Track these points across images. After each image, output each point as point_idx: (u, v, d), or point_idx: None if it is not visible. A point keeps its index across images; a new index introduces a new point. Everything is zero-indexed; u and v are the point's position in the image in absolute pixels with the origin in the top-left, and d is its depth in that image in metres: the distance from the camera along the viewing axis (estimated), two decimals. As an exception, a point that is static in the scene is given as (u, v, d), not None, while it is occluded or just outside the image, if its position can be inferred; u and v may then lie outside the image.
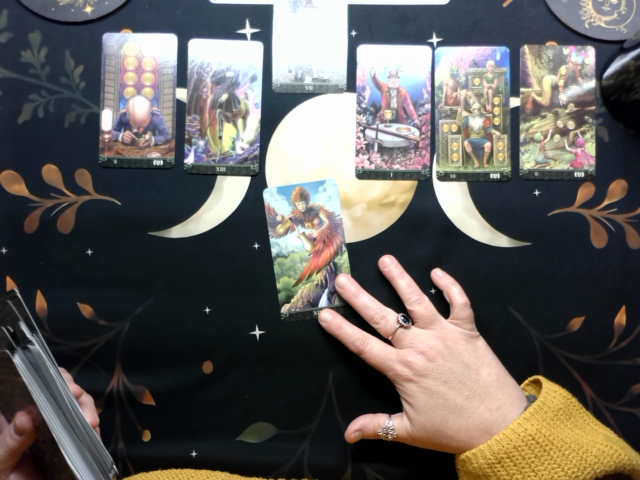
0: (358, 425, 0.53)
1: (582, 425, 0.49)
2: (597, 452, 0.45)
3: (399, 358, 0.51)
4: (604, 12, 0.58)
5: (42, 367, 0.47)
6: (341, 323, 0.55)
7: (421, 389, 0.50)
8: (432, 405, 0.49)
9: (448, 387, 0.49)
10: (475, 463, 0.46)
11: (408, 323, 0.52)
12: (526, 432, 0.45)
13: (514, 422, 0.46)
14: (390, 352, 0.52)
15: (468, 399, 0.48)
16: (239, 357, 0.58)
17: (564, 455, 0.45)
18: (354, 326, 0.55)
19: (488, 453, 0.46)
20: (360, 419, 0.54)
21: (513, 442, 0.45)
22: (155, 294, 0.58)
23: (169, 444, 0.58)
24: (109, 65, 0.59)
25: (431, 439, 0.50)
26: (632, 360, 0.57)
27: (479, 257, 0.58)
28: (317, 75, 0.59)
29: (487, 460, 0.46)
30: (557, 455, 0.45)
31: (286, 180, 0.58)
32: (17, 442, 0.46)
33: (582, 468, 0.44)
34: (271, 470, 0.57)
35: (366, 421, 0.53)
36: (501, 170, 0.58)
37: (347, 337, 0.54)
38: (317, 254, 0.58)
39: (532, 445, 0.45)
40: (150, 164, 0.58)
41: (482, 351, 0.52)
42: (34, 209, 0.58)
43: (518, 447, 0.45)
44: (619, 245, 0.58)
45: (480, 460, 0.46)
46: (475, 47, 0.59)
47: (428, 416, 0.49)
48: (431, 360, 0.50)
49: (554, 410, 0.47)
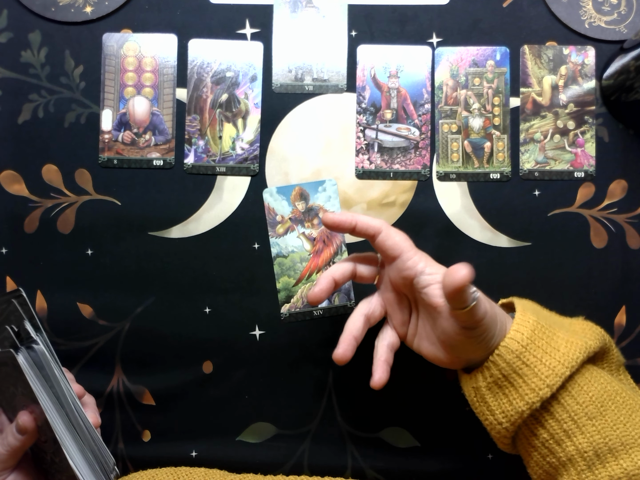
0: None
1: (553, 314, 0.51)
2: (588, 330, 0.47)
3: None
4: (604, 12, 0.58)
5: (45, 367, 0.47)
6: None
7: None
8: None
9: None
10: (501, 362, 0.44)
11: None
12: (531, 318, 0.46)
13: (516, 314, 0.46)
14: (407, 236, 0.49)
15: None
16: (239, 357, 0.58)
17: (569, 332, 0.46)
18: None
19: (513, 345, 0.44)
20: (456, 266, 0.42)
21: (529, 327, 0.45)
22: (155, 294, 0.58)
23: (168, 444, 0.58)
24: (109, 65, 0.59)
25: (488, 303, 0.45)
26: (632, 361, 0.57)
27: (479, 257, 0.58)
28: (317, 75, 0.59)
29: (515, 352, 0.44)
30: (562, 333, 0.46)
31: (286, 180, 0.58)
32: (19, 441, 0.46)
33: (587, 339, 0.46)
34: (271, 470, 0.57)
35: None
36: (501, 170, 0.58)
37: (366, 219, 0.49)
38: (317, 253, 0.58)
39: (542, 327, 0.45)
40: (150, 164, 0.58)
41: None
42: (34, 209, 0.58)
43: (534, 330, 0.45)
44: (619, 245, 0.58)
45: (507, 356, 0.44)
46: (475, 47, 0.59)
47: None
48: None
49: (532, 305, 0.49)
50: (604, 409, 0.44)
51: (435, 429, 0.58)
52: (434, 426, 0.58)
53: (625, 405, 0.44)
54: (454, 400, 0.55)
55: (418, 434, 0.57)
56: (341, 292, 0.58)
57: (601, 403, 0.44)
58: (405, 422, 0.58)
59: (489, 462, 0.57)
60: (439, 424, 0.57)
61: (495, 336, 0.45)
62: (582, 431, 0.43)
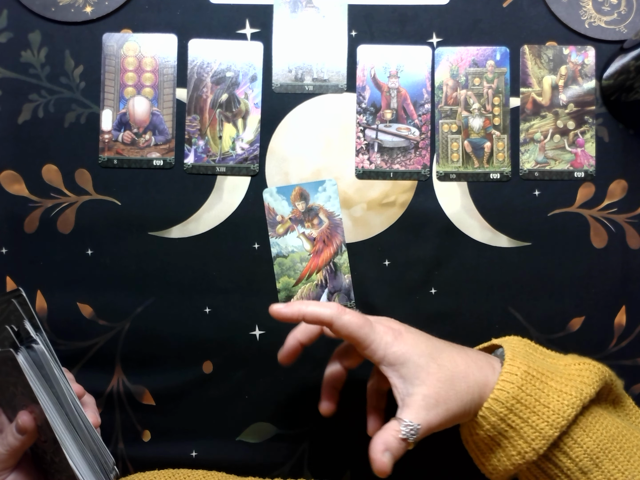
0: (381, 445, 0.41)
1: (548, 353, 0.48)
2: (585, 371, 0.45)
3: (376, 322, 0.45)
4: (604, 12, 0.58)
5: (45, 367, 0.47)
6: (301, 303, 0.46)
7: (408, 343, 0.44)
8: (427, 354, 0.43)
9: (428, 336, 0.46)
10: (486, 424, 0.43)
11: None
12: (520, 369, 0.43)
13: (504, 365, 0.44)
14: (367, 318, 0.45)
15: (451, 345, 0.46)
16: (239, 357, 0.58)
17: (560, 381, 0.44)
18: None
19: (497, 407, 0.42)
20: (374, 442, 0.42)
21: (515, 384, 0.43)
22: (155, 294, 0.58)
23: (169, 444, 0.58)
24: (109, 65, 0.59)
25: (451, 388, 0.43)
26: (632, 360, 0.57)
27: (479, 257, 0.58)
28: (317, 75, 0.59)
29: (499, 415, 0.43)
30: (554, 383, 0.44)
31: (286, 180, 0.58)
32: (19, 441, 0.46)
33: (583, 385, 0.43)
34: (271, 470, 0.57)
35: (386, 441, 0.42)
36: (501, 170, 0.58)
37: (317, 310, 0.44)
38: (317, 253, 0.58)
39: (531, 380, 0.43)
40: (150, 164, 0.58)
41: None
42: (34, 209, 0.58)
43: (521, 386, 0.43)
44: (619, 245, 0.58)
45: (491, 418, 0.43)
46: (475, 47, 0.59)
47: (429, 370, 0.43)
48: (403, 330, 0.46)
49: (522, 347, 0.46)
50: (599, 460, 0.43)
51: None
52: (434, 426, 0.58)
53: (623, 451, 0.43)
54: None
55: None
56: (341, 292, 0.58)
57: (596, 455, 0.43)
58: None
59: (489, 462, 0.57)
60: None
61: (472, 405, 0.43)
62: (589, 477, 0.43)
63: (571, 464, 0.43)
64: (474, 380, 0.43)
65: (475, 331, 0.57)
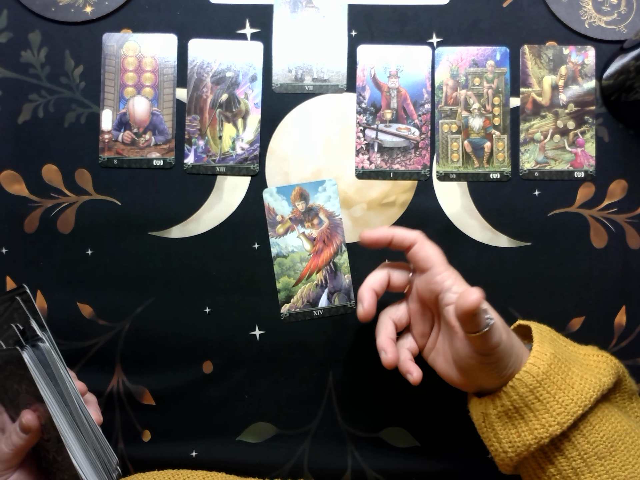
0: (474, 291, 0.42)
1: (569, 341, 0.50)
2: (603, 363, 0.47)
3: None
4: (604, 12, 0.58)
5: (51, 365, 0.47)
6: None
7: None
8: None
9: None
10: (514, 395, 0.44)
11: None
12: (548, 351, 0.45)
13: (534, 345, 0.46)
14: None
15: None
16: (239, 357, 0.58)
17: (582, 368, 0.46)
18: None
19: (528, 379, 0.44)
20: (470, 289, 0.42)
21: (546, 362, 0.44)
22: (155, 294, 0.58)
23: (169, 444, 0.58)
24: (109, 65, 0.59)
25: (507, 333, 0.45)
26: (632, 360, 0.57)
27: (479, 257, 0.58)
28: (317, 75, 0.59)
29: (529, 387, 0.44)
30: (577, 369, 0.45)
31: (286, 180, 0.58)
32: (23, 440, 0.46)
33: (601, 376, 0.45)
34: (271, 470, 0.57)
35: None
36: (501, 170, 0.58)
37: (403, 230, 0.49)
38: (317, 253, 0.58)
39: (558, 362, 0.45)
40: (150, 164, 0.58)
41: None
42: (34, 209, 0.58)
43: (550, 364, 0.44)
44: (619, 245, 0.58)
45: (520, 389, 0.44)
46: (475, 47, 0.59)
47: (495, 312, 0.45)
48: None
49: (548, 332, 0.48)
50: (613, 449, 0.44)
51: (435, 429, 0.58)
52: (434, 426, 0.58)
53: (635, 446, 0.44)
54: (454, 401, 0.55)
55: (418, 434, 0.57)
56: (341, 292, 0.58)
57: (611, 443, 0.44)
58: (405, 422, 0.58)
59: (489, 462, 0.57)
60: (439, 424, 0.57)
61: (509, 366, 0.44)
62: (591, 470, 0.43)
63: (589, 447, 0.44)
64: (518, 345, 0.45)
65: (475, 331, 0.57)
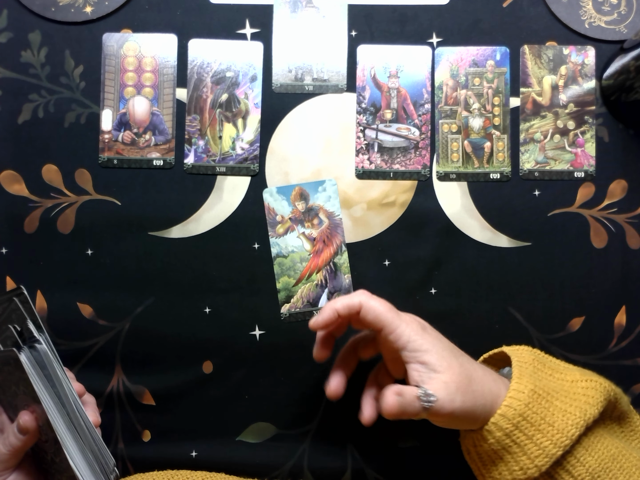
0: (396, 388, 0.44)
1: (556, 367, 0.49)
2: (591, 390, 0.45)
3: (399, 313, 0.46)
4: (604, 12, 0.58)
5: (48, 367, 0.47)
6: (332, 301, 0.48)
7: (432, 336, 0.45)
8: (449, 350, 0.45)
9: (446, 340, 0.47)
10: (491, 439, 0.44)
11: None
12: (527, 388, 0.44)
13: (512, 383, 0.45)
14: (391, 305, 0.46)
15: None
16: (239, 357, 0.58)
17: (565, 401, 0.45)
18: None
19: (503, 423, 0.44)
20: (392, 387, 0.44)
21: (522, 401, 0.44)
22: (155, 294, 0.58)
23: (169, 444, 0.58)
24: (109, 65, 0.59)
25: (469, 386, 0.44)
26: (632, 360, 0.57)
27: (479, 257, 0.58)
28: (317, 75, 0.59)
29: (504, 430, 0.44)
30: (560, 402, 0.45)
31: (286, 180, 0.58)
32: (21, 441, 0.46)
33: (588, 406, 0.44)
34: (271, 470, 0.57)
35: (401, 388, 0.44)
36: (501, 170, 0.58)
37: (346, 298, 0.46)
38: (317, 253, 0.58)
39: (537, 398, 0.44)
40: (150, 164, 0.58)
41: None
42: (34, 209, 0.58)
43: (528, 404, 0.44)
44: (619, 245, 0.58)
45: (496, 434, 0.44)
46: (475, 47, 0.59)
47: (451, 363, 0.44)
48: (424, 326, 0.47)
49: (530, 363, 0.47)
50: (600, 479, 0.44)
51: (435, 429, 0.58)
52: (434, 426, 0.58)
53: (623, 470, 0.44)
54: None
55: (418, 434, 0.57)
56: (341, 292, 0.58)
57: (597, 473, 0.44)
58: (404, 422, 0.58)
59: (489, 462, 0.57)
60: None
61: (479, 415, 0.44)
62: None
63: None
64: (488, 388, 0.44)
65: (475, 331, 0.57)
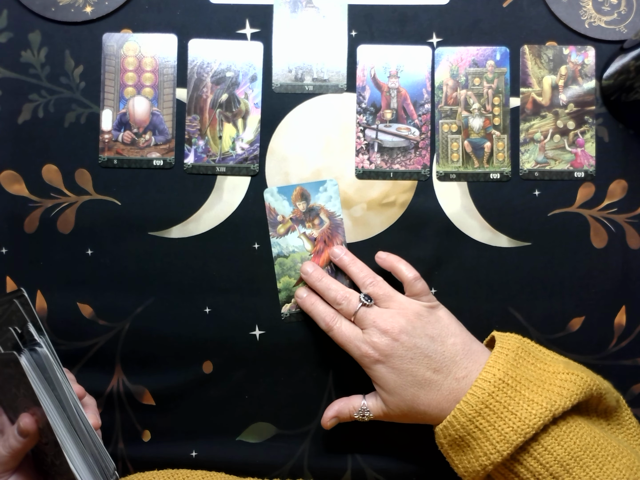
0: (333, 412, 0.53)
1: (542, 357, 0.50)
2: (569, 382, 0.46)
3: (365, 339, 0.51)
4: (604, 12, 0.58)
5: (48, 369, 0.47)
6: (315, 300, 0.54)
7: (389, 369, 0.50)
8: (402, 384, 0.49)
9: (415, 363, 0.49)
10: (456, 424, 0.47)
11: (370, 302, 0.52)
12: (495, 377, 0.46)
13: (481, 372, 0.47)
14: (358, 332, 0.51)
15: (436, 372, 0.49)
16: (239, 357, 0.58)
17: (536, 391, 0.46)
18: (327, 305, 0.54)
19: (467, 409, 0.46)
20: (335, 404, 0.54)
21: (486, 390, 0.46)
22: (155, 294, 0.58)
23: (169, 444, 0.58)
24: (109, 65, 0.59)
25: (406, 415, 0.51)
26: (632, 360, 0.57)
27: (479, 257, 0.58)
28: (317, 75, 0.59)
29: (467, 416, 0.46)
30: (529, 392, 0.46)
31: (286, 180, 0.58)
32: (21, 443, 0.46)
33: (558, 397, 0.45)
34: (271, 470, 0.57)
35: (341, 406, 0.53)
36: (501, 170, 0.58)
37: (318, 314, 0.53)
38: (318, 254, 0.58)
39: (504, 388, 0.46)
40: (150, 164, 0.58)
41: (444, 321, 0.52)
42: (34, 209, 0.58)
43: (492, 393, 0.46)
44: (619, 245, 0.58)
45: (461, 419, 0.46)
46: (475, 47, 0.59)
47: (400, 396, 0.49)
48: (395, 339, 0.49)
49: (513, 350, 0.48)
50: (570, 467, 0.44)
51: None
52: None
53: (596, 459, 0.45)
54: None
55: (418, 434, 0.57)
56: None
57: (567, 462, 0.45)
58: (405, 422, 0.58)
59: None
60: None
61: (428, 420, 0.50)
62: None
63: (541, 469, 0.45)
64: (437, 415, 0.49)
65: (475, 331, 0.57)
